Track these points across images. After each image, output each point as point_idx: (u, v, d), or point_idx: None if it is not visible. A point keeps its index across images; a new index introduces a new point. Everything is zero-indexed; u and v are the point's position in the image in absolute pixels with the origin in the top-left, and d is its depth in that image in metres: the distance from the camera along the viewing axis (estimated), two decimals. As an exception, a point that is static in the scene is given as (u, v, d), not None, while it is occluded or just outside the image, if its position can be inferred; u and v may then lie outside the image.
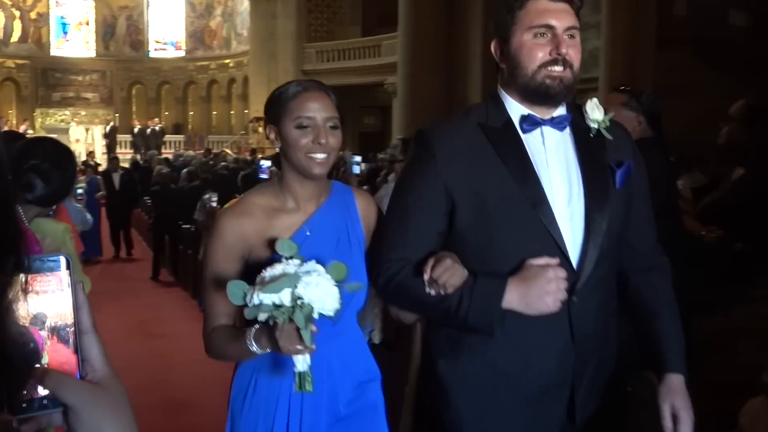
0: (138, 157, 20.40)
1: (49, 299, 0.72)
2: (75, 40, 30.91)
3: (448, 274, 1.75)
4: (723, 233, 3.07)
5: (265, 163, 5.82)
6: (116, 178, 12.89)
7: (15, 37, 29.52)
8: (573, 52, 1.88)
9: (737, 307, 3.06)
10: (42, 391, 0.70)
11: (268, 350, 1.82)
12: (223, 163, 14.72)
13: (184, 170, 11.87)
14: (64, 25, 30.75)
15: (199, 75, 30.02)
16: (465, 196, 1.87)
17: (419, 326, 2.95)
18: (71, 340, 0.73)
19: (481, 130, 1.91)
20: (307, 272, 1.73)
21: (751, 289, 3.07)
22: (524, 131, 1.91)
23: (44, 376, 0.70)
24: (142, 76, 30.84)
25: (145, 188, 13.10)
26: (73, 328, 0.73)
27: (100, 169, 15.80)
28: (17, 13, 29.55)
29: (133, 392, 2.97)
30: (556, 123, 1.92)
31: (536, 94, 1.87)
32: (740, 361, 2.91)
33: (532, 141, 1.91)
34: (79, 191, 7.92)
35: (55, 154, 2.89)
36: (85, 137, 25.39)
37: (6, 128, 24.87)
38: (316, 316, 1.71)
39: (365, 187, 4.81)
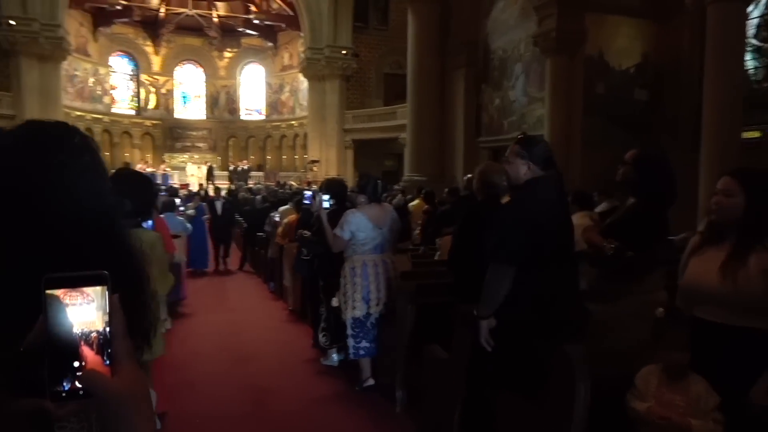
0: (232, 186, 20.42)
1: (77, 310, 0.63)
2: (192, 107, 31.14)
3: None
4: (618, 244, 2.91)
5: (307, 192, 5.67)
6: (219, 205, 11.46)
7: (151, 105, 29.88)
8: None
9: (626, 297, 2.90)
10: (78, 384, 0.63)
11: None
12: (288, 190, 14.51)
13: (258, 196, 11.84)
14: (185, 97, 31.01)
15: (274, 131, 30.10)
16: None
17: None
18: (96, 344, 0.64)
19: None
20: None
21: (636, 284, 2.92)
22: None
23: (82, 373, 0.63)
24: (236, 132, 30.99)
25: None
26: (96, 334, 0.64)
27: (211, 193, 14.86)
28: (153, 89, 29.87)
29: (216, 349, 2.93)
30: None
31: None
32: (628, 335, 2.76)
33: None
34: (181, 208, 7.95)
35: (135, 181, 2.83)
36: (197, 173, 25.61)
37: (145, 166, 25.22)
38: None
39: (389, 205, 4.68)
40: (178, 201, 8.43)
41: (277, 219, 8.61)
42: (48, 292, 0.63)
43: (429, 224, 7.55)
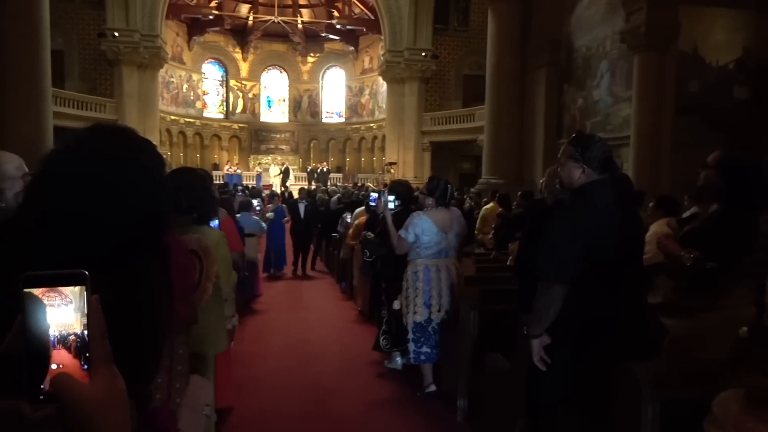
0: (311, 187, 20.89)
1: (55, 312, 0.61)
2: (276, 111, 32.29)
3: None
4: (698, 254, 2.65)
5: (373, 194, 5.67)
6: (301, 208, 10.70)
7: (239, 109, 31.26)
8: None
9: (707, 312, 2.64)
10: None
11: None
12: (363, 192, 14.53)
13: (334, 197, 12.01)
14: (269, 101, 32.20)
15: (354, 134, 30.60)
16: None
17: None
18: (74, 347, 0.62)
19: None
20: None
21: (719, 299, 2.64)
22: None
23: (52, 377, 0.61)
24: (317, 135, 31.78)
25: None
26: (74, 336, 0.62)
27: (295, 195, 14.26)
28: (240, 94, 31.27)
29: (284, 347, 2.98)
30: None
31: None
32: (708, 355, 2.49)
33: None
34: (257, 208, 8.17)
35: (188, 178, 2.81)
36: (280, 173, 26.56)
37: (233, 167, 26.41)
38: None
39: (456, 209, 4.57)
40: (256, 202, 8.66)
41: (348, 220, 8.68)
42: (26, 291, 0.61)
43: (501, 228, 7.33)
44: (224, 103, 30.83)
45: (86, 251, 0.76)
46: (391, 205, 4.40)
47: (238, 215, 6.76)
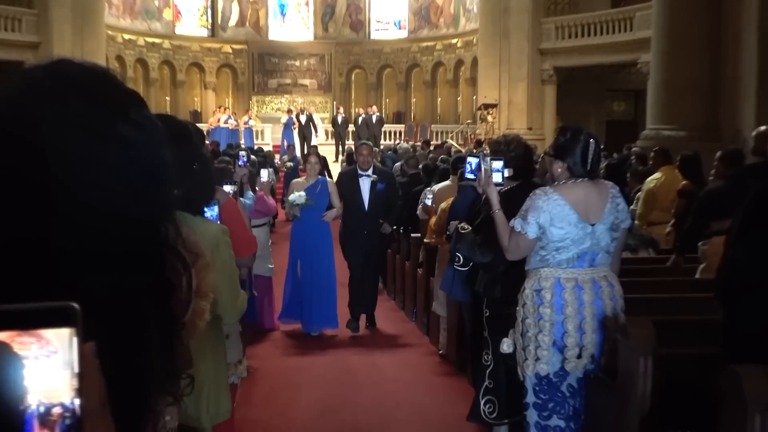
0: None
1: (31, 369, 0.61)
2: (293, 22, 32.74)
3: None
4: None
5: (472, 159, 5.27)
6: (365, 187, 8.80)
7: (232, 20, 31.83)
8: None
9: None
10: None
11: None
12: (443, 156, 14.40)
13: (396, 165, 12.08)
14: (282, 6, 32.68)
15: (424, 57, 30.69)
16: None
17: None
18: (59, 426, 0.61)
19: None
20: None
21: None
22: None
23: None
24: (362, 60, 32.11)
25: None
26: (61, 409, 0.61)
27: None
28: (235, -3, 31.94)
29: (318, 414, 3.48)
30: None
31: None
32: None
33: None
34: (263, 178, 8.26)
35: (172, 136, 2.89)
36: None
37: (225, 116, 26.64)
38: None
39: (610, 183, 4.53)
40: (265, 174, 8.75)
41: (428, 202, 8.65)
42: None
43: (687, 215, 7.21)
44: (207, 13, 31.42)
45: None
46: (498, 178, 4.40)
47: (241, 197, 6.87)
